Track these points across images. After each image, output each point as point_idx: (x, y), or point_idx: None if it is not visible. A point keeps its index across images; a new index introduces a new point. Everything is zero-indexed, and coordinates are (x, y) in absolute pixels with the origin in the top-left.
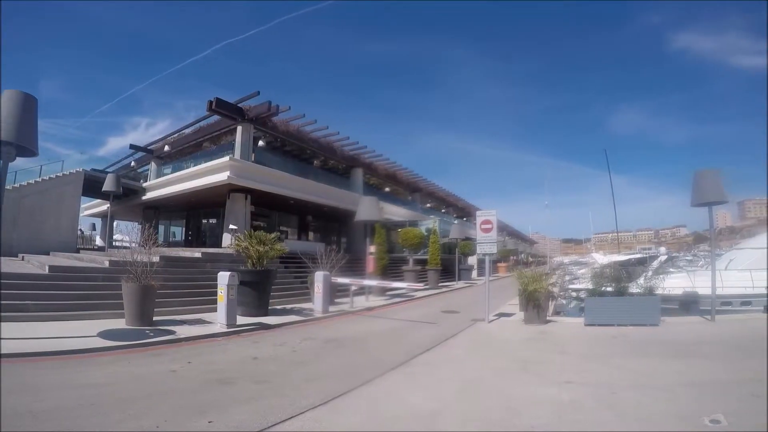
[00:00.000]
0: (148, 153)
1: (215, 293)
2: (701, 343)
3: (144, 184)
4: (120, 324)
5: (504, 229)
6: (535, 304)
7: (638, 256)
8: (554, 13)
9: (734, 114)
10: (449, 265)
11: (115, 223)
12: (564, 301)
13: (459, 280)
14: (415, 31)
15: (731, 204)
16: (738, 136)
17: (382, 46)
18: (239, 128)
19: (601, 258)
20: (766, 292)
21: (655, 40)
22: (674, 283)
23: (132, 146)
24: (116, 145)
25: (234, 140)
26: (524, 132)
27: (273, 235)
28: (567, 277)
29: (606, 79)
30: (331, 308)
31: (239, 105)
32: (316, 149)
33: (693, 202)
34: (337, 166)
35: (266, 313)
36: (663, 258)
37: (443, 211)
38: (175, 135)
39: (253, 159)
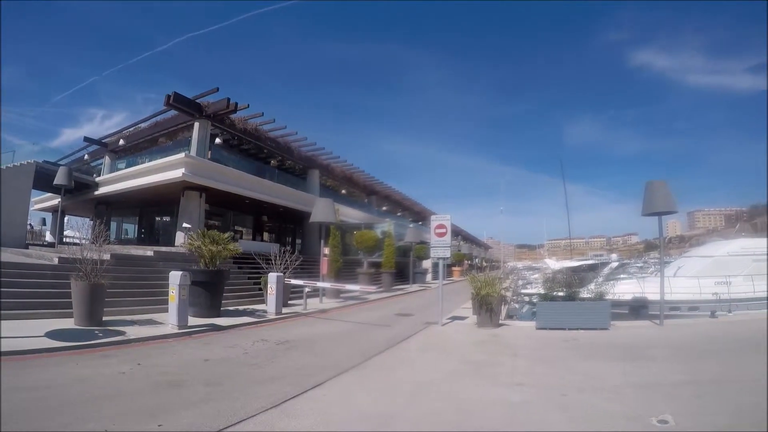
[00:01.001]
0: (103, 146)
1: (167, 293)
2: (650, 347)
3: (97, 179)
4: (68, 324)
5: (459, 234)
6: (487, 308)
7: (590, 262)
8: (518, 27)
9: (684, 129)
10: (404, 268)
11: (66, 219)
12: (517, 306)
13: (413, 283)
14: (378, 34)
15: (681, 214)
16: (687, 150)
17: (344, 47)
18: (196, 124)
19: (554, 264)
20: (712, 297)
21: (614, 57)
22: (625, 289)
23: (86, 139)
24: (71, 137)
25: (191, 137)
26: (483, 139)
27: (226, 235)
28: (520, 282)
29: (564, 92)
30: (285, 310)
31: (197, 101)
32: (274, 149)
33: (644, 211)
34: (294, 166)
35: (218, 315)
36: (614, 264)
37: (399, 214)
38: (131, 129)
39: (209, 156)
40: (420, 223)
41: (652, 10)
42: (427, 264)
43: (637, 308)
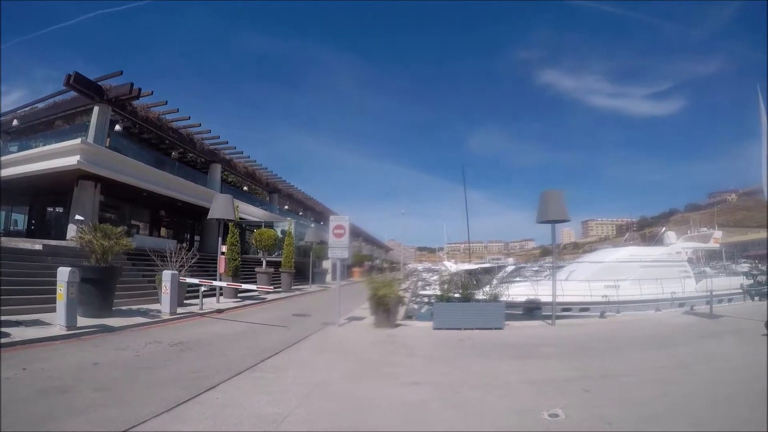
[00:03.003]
0: None
1: (56, 291)
2: (542, 345)
3: None
4: None
5: (360, 235)
6: (384, 308)
7: (487, 265)
8: (431, 37)
9: (583, 145)
10: (303, 268)
11: None
12: (416, 306)
13: (313, 283)
14: (289, 30)
15: (576, 223)
16: (585, 164)
17: (259, 39)
18: (96, 109)
19: (453, 266)
20: (602, 299)
21: (522, 74)
22: (519, 291)
23: None
24: None
25: (89, 122)
26: (388, 142)
27: (119, 229)
28: (420, 283)
29: (472, 102)
30: (180, 310)
31: (99, 83)
32: (176, 140)
33: (538, 218)
34: (195, 160)
35: (110, 314)
36: (510, 268)
37: (300, 213)
38: (27, 108)
39: (107, 144)
40: (322, 223)
41: (562, 35)
42: (327, 264)
43: (531, 309)
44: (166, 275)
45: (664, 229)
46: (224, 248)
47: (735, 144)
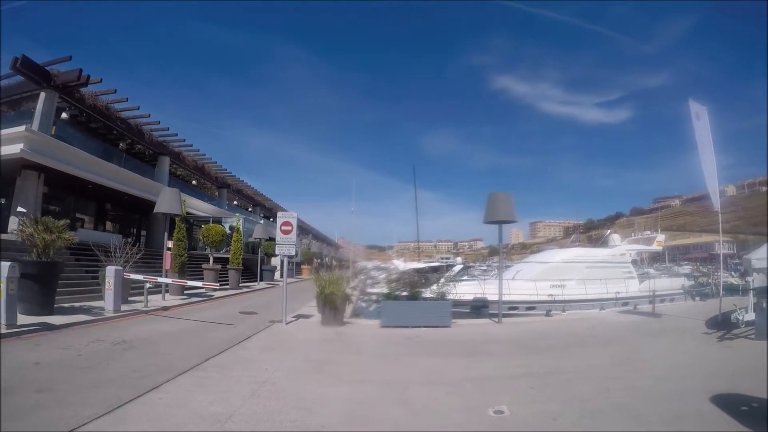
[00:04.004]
0: None
1: None
2: (488, 342)
3: None
4: None
5: (310, 232)
6: (332, 306)
7: (435, 264)
8: (388, 37)
9: (534, 149)
10: (252, 265)
11: None
12: (364, 304)
13: (261, 280)
14: (244, 21)
15: (524, 224)
16: (535, 167)
17: (215, 30)
18: (42, 95)
19: (402, 265)
20: (548, 298)
21: (477, 78)
22: (467, 290)
23: None
24: None
25: (35, 108)
26: (341, 140)
27: (62, 222)
28: (369, 281)
29: (425, 104)
30: (124, 307)
31: (47, 68)
32: (124, 130)
33: (485, 219)
34: (144, 151)
35: (51, 312)
36: (458, 267)
37: (250, 209)
38: None
39: (53, 133)
40: (271, 219)
41: (518, 42)
42: (276, 261)
43: (478, 307)
44: (110, 271)
45: (609, 231)
46: (170, 244)
47: (677, 153)
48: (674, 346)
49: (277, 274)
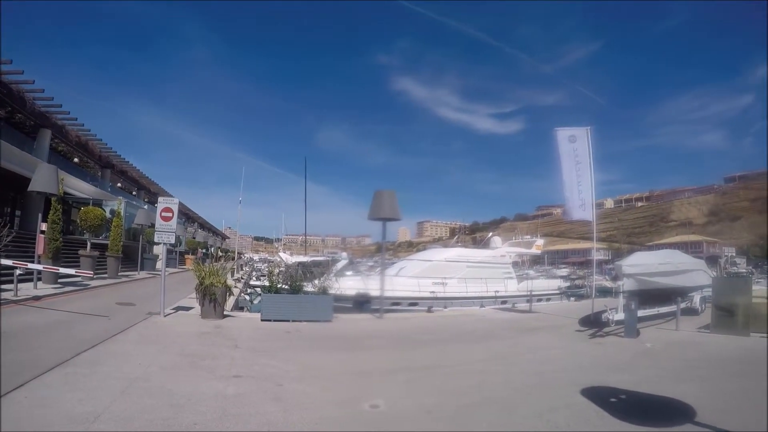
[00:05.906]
0: None
1: None
2: (369, 337)
3: None
4: None
5: (196, 221)
6: (211, 298)
7: (320, 258)
8: (294, 28)
9: (425, 152)
10: (132, 253)
11: None
12: (247, 297)
13: (142, 270)
14: None
15: (412, 222)
16: (427, 169)
17: None
18: None
19: (288, 258)
20: (430, 295)
21: (377, 77)
22: (350, 285)
23: None
24: None
25: None
26: (234, 126)
27: None
28: (254, 274)
29: (324, 98)
30: None
31: None
32: (4, 95)
33: (370, 216)
34: (24, 122)
35: None
36: (343, 262)
37: (134, 193)
38: None
39: None
40: (155, 204)
41: (422, 47)
42: (158, 250)
43: (360, 303)
44: None
45: (491, 234)
46: (44, 227)
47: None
48: (549, 342)
49: (158, 264)
